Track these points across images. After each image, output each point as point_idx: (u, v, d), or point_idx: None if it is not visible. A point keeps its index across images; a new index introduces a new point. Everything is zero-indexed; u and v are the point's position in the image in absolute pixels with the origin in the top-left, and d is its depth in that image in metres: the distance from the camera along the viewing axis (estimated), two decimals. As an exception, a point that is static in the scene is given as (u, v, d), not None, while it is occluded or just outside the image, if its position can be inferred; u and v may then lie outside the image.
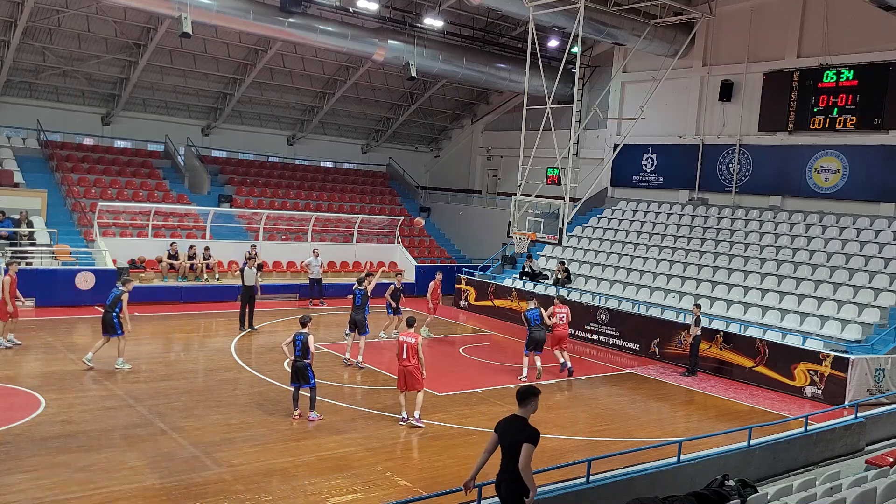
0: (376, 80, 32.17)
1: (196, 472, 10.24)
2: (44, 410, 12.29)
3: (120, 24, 25.74)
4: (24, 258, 21.56)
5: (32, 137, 27.62)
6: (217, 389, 14.34)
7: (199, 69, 28.85)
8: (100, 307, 21.37)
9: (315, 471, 10.58)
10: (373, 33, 25.90)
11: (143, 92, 29.08)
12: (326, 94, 32.43)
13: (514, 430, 7.15)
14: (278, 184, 31.88)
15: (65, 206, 25.38)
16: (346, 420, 12.95)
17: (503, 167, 34.91)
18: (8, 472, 9.67)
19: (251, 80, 29.54)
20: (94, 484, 9.50)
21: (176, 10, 21.65)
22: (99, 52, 26.72)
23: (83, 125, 28.98)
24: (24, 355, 16.07)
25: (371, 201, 33.74)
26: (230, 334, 19.41)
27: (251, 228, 27.83)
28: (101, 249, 23.08)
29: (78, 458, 10.32)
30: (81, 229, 24.42)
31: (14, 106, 27.25)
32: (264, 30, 24.25)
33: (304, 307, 23.67)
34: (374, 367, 16.90)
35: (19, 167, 25.22)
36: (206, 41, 27.10)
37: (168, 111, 30.58)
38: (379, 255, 29.73)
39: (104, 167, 27.92)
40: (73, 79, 27.66)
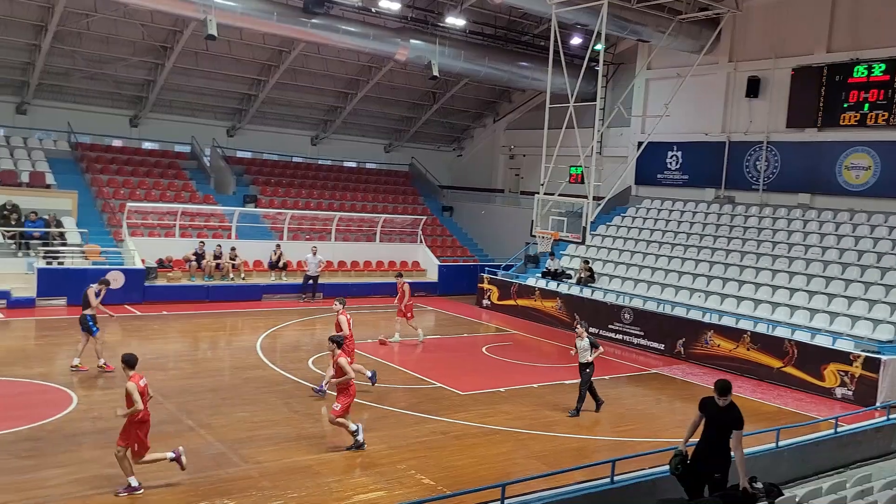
0: (398, 79, 32.25)
1: (223, 468, 10.37)
2: (75, 407, 12.52)
3: (147, 26, 26.08)
4: (55, 258, 21.96)
5: (63, 140, 28.09)
6: (243, 387, 14.49)
7: (224, 71, 29.14)
8: (129, 306, 21.74)
9: (339, 468, 10.67)
10: (395, 33, 25.98)
11: (170, 94, 29.44)
12: (349, 95, 32.58)
13: (725, 415, 8.39)
14: (302, 184, 32.11)
15: (95, 206, 25.79)
16: (370, 418, 13.02)
17: (526, 166, 34.83)
18: (42, 467, 9.87)
19: (275, 81, 29.77)
20: (124, 480, 9.65)
21: (201, 13, 21.89)
22: (126, 54, 27.09)
23: (112, 127, 29.41)
24: (56, 353, 16.36)
25: (394, 201, 33.83)
26: (255, 333, 19.60)
27: (275, 228, 28.06)
28: (130, 249, 23.44)
29: (108, 454, 10.46)
30: (111, 229, 24.81)
31: (45, 109, 27.72)
32: (288, 31, 24.43)
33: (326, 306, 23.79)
34: (398, 366, 16.97)
35: (51, 169, 25.68)
36: (230, 43, 27.35)
37: (194, 112, 30.91)
38: (401, 254, 29.84)
39: (133, 168, 28.32)
40: (102, 81, 28.07)
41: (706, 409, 8.62)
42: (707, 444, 8.57)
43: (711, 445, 8.52)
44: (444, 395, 14.92)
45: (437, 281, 29.04)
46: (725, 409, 8.46)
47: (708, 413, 8.59)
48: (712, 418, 8.54)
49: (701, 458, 8.56)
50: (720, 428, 8.45)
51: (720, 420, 8.46)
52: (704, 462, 8.52)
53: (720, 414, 8.47)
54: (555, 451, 12.08)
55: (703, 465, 8.53)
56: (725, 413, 8.44)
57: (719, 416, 8.47)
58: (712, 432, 8.53)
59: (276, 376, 15.46)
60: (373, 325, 22.22)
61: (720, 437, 8.46)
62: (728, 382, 8.56)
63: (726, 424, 8.39)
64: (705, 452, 8.55)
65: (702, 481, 8.56)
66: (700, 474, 8.56)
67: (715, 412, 8.51)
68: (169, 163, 29.79)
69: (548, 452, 12.02)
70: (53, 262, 21.87)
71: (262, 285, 25.26)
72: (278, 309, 23.27)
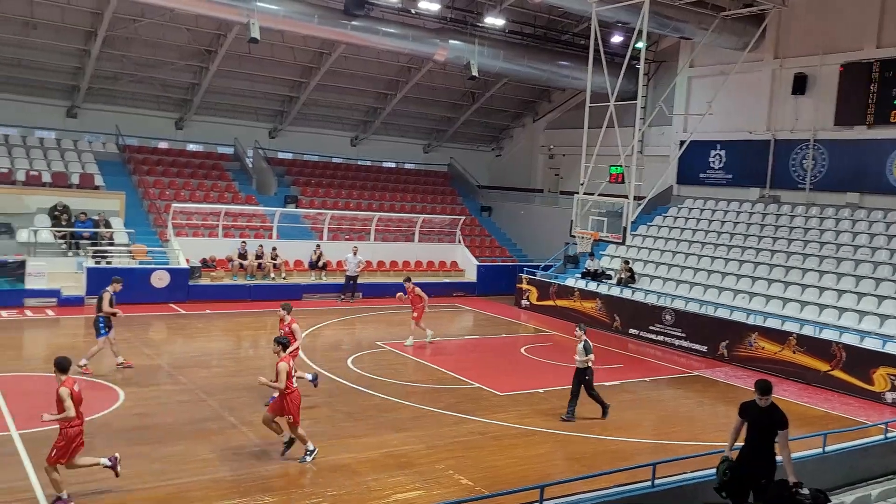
0: (437, 80, 32.32)
1: (264, 465, 10.53)
2: (122, 403, 12.83)
3: (192, 31, 26.60)
4: (103, 257, 22.54)
5: (112, 142, 28.81)
6: (284, 386, 14.65)
7: (266, 73, 29.56)
8: (174, 304, 22.20)
9: (378, 467, 10.74)
10: (434, 34, 26.04)
11: (214, 96, 29.97)
12: (388, 95, 32.76)
13: (768, 416, 8.27)
14: (342, 184, 32.39)
15: (142, 207, 26.40)
16: (408, 418, 13.09)
17: (565, 166, 34.60)
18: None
19: (316, 82, 30.08)
20: (169, 475, 9.87)
21: (245, 17, 22.25)
22: (172, 58, 27.67)
23: (158, 129, 30.07)
24: (103, 351, 16.75)
25: (432, 201, 33.91)
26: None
27: (316, 228, 28.36)
28: (175, 249, 23.94)
29: (154, 449, 10.74)
30: (157, 230, 25.36)
31: (94, 112, 28.47)
32: (328, 33, 24.68)
33: (364, 306, 23.98)
34: (437, 366, 17.01)
35: (100, 171, 26.36)
36: (272, 46, 27.73)
37: (237, 115, 31.41)
38: (440, 254, 29.90)
39: (178, 170, 28.92)
40: (149, 85, 28.71)
41: (747, 413, 8.45)
42: (750, 448, 8.40)
43: (755, 450, 8.35)
44: (482, 396, 14.91)
45: (475, 281, 29.05)
46: (767, 411, 8.28)
47: (749, 417, 8.41)
48: (754, 421, 8.37)
49: (745, 463, 8.40)
50: (763, 430, 8.28)
51: (762, 422, 8.29)
52: (748, 467, 8.36)
53: (762, 416, 8.29)
54: (594, 453, 11.99)
55: (747, 469, 8.37)
56: (767, 415, 8.27)
57: (761, 418, 8.30)
58: (755, 436, 8.36)
59: (318, 375, 15.60)
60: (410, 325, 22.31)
61: (763, 441, 8.28)
62: (769, 382, 8.37)
63: (769, 426, 8.22)
64: (749, 457, 8.39)
65: (746, 487, 8.40)
66: (744, 480, 8.40)
67: (756, 415, 8.34)
68: (213, 164, 30.33)
69: (587, 454, 11.94)
70: (102, 262, 22.43)
71: (302, 285, 25.56)
72: (318, 308, 23.50)
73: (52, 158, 26.34)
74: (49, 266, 21.33)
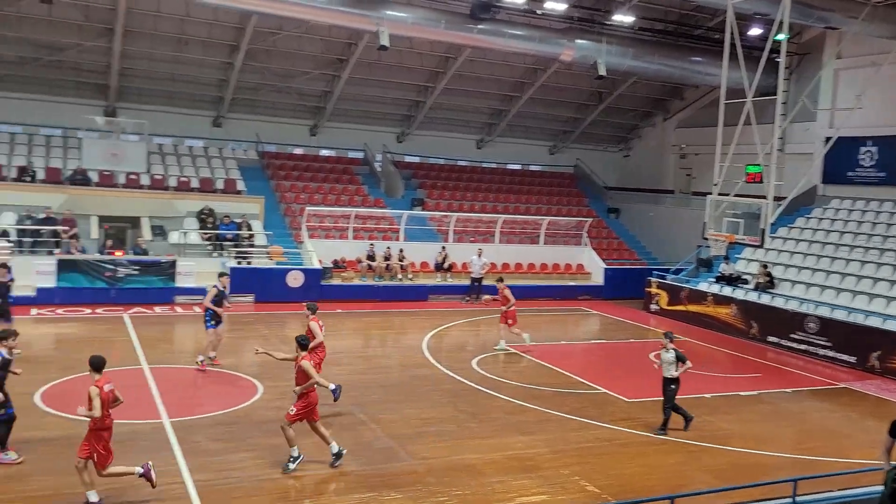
0: (563, 80, 31.98)
1: (391, 462, 10.80)
2: (261, 396, 13.56)
3: (325, 41, 27.78)
4: (244, 258, 23.92)
5: (252, 149, 30.59)
6: (410, 385, 15.00)
7: (394, 79, 30.36)
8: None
9: (503, 469, 10.75)
10: (560, 34, 25.79)
11: (345, 103, 31.11)
12: (514, 97, 32.76)
13: None
14: (467, 187, 32.71)
15: (278, 210, 27.82)
16: (533, 421, 13.02)
17: (698, 165, 33.24)
18: (233, 450, 10.78)
19: (442, 87, 30.56)
20: (303, 466, 10.32)
21: (375, 25, 22.97)
22: (307, 68, 29.00)
23: (294, 136, 31.60)
24: (244, 346, 17.81)
25: (558, 203, 33.59)
26: (422, 332, 20.20)
27: (441, 230, 28.79)
28: (308, 250, 25.06)
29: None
30: (292, 232, 26.65)
31: (237, 121, 30.33)
32: (455, 37, 25.00)
33: (492, 308, 24.07)
34: (562, 370, 16.82)
35: (241, 176, 28.06)
36: (401, 52, 28.43)
37: (367, 120, 32.46)
38: (566, 257, 29.56)
39: (311, 174, 30.27)
40: (286, 94, 30.22)
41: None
42: None
43: None
44: (608, 401, 14.61)
45: (602, 284, 28.52)
46: None
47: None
48: None
49: None
50: None
51: None
52: None
53: None
54: (729, 466, 11.46)
55: None
56: None
57: None
58: None
59: (442, 375, 15.85)
60: (535, 328, 22.22)
61: None
62: None
63: None
64: None
65: None
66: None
67: None
68: (343, 168, 31.51)
69: (722, 467, 11.42)
70: (243, 262, 23.83)
71: (428, 286, 26.03)
72: (443, 309, 23.85)
73: (199, 165, 28.28)
74: (197, 266, 22.87)
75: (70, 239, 22.26)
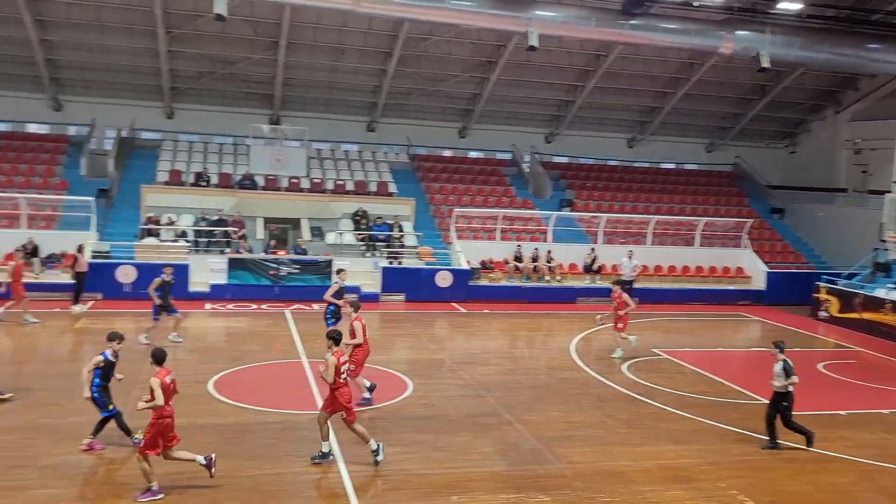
0: (722, 74, 30.49)
1: (538, 464, 10.71)
2: (410, 393, 13.90)
3: (475, 44, 28.17)
4: (396, 258, 24.70)
5: (403, 152, 31.56)
6: (557, 387, 14.83)
7: (542, 79, 30.23)
8: (456, 303, 23.55)
9: (654, 478, 10.37)
10: (719, 26, 24.54)
11: (494, 105, 31.36)
12: (668, 94, 31.62)
13: None
14: (617, 187, 31.98)
15: (428, 212, 28.50)
16: (688, 430, 12.47)
17: (875, 161, 30.52)
18: (383, 443, 11.12)
19: (592, 85, 30.06)
20: (451, 463, 10.49)
21: (524, 26, 22.93)
22: (457, 71, 29.52)
23: (443, 138, 32.28)
24: (395, 343, 18.41)
25: (715, 203, 32.07)
26: (570, 335, 19.93)
27: (590, 232, 28.29)
28: (457, 251, 25.48)
29: (438, 438, 11.48)
30: (441, 233, 27.21)
31: (389, 125, 31.44)
32: (606, 35, 24.45)
33: (640, 311, 23.35)
34: (719, 378, 16.00)
35: (393, 179, 29.07)
36: (549, 52, 28.23)
37: (515, 121, 32.55)
38: (723, 259, 28.15)
39: (460, 176, 30.78)
40: (436, 98, 30.92)
41: None
42: None
43: None
44: (771, 414, 13.70)
45: (764, 289, 26.96)
46: None
47: None
48: None
49: None
50: None
51: None
52: None
53: None
54: (910, 491, 10.40)
55: None
56: None
57: None
58: None
59: (591, 379, 15.55)
60: (690, 333, 21.30)
61: None
62: None
63: None
64: None
65: None
66: None
67: None
68: (491, 170, 31.77)
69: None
70: (394, 262, 24.60)
71: (576, 288, 25.67)
72: (592, 312, 23.34)
73: (354, 169, 29.55)
74: (351, 265, 23.82)
75: (239, 239, 23.96)
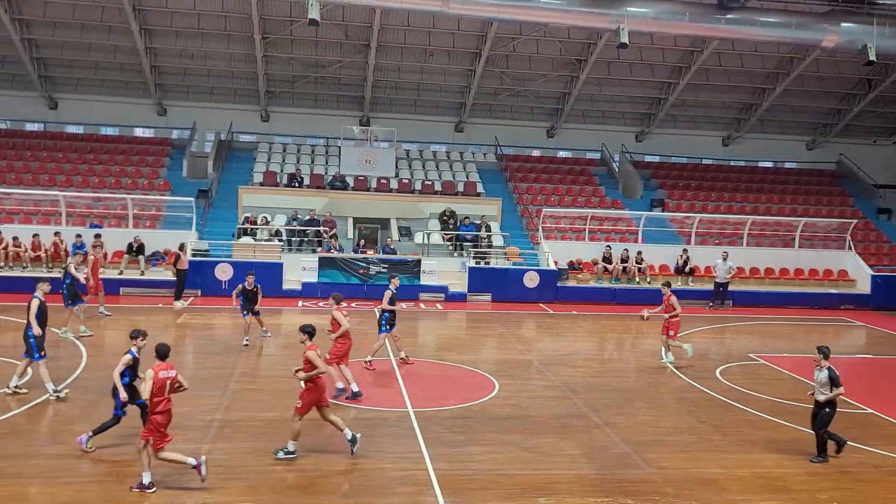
0: (825, 68, 29.16)
1: (627, 468, 10.55)
2: (497, 393, 13.94)
3: (564, 42, 27.96)
4: (483, 258, 24.78)
5: (491, 152, 31.63)
6: (647, 391, 14.55)
7: (633, 77, 29.70)
8: (543, 304, 23.43)
9: (748, 487, 10.04)
10: (821, 18, 23.49)
11: (582, 104, 31.02)
12: (766, 90, 30.47)
13: None
14: (711, 186, 31.07)
15: (515, 212, 28.47)
16: (784, 439, 12.00)
17: None
18: (470, 442, 11.21)
19: (685, 82, 29.31)
20: (537, 464, 10.47)
21: (615, 23, 22.60)
22: (546, 70, 29.37)
23: (531, 138, 32.18)
24: (482, 343, 18.49)
25: (816, 203, 30.69)
26: (660, 337, 19.47)
27: (683, 233, 27.58)
28: (544, 252, 25.33)
29: (524, 438, 11.47)
30: (528, 233, 27.13)
31: (477, 126, 31.61)
32: (700, 30, 23.82)
33: (735, 314, 22.62)
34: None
35: (480, 179, 29.19)
36: (640, 49, 27.72)
37: (604, 120, 32.10)
38: (825, 262, 26.89)
39: (548, 176, 30.60)
40: (524, 97, 30.85)
41: None
42: None
43: None
44: (875, 423, 13.04)
45: (868, 293, 25.63)
46: None
47: None
48: None
49: None
50: None
51: None
52: None
53: None
54: None
55: None
56: None
57: None
58: None
59: (682, 383, 15.18)
60: (790, 338, 20.46)
61: None
62: None
63: None
64: None
65: None
66: None
67: None
68: (580, 170, 31.42)
69: None
70: (481, 262, 24.68)
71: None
72: (684, 315, 22.69)
73: (442, 169, 29.84)
74: (439, 265, 24.14)
75: (330, 239, 24.61)
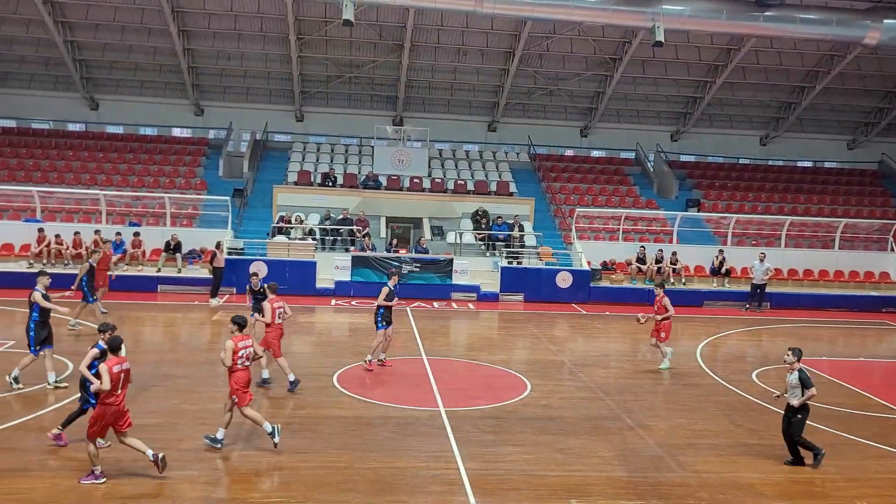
0: (867, 66, 28.54)
1: (660, 471, 10.43)
2: (529, 393, 13.88)
3: (598, 41, 27.75)
4: (515, 258, 24.70)
5: (524, 152, 31.54)
6: (682, 393, 14.37)
7: (669, 76, 29.37)
8: (576, 304, 23.29)
9: (784, 492, 9.86)
10: (863, 15, 22.98)
11: (617, 103, 30.75)
12: (805, 88, 29.90)
13: None
14: (748, 186, 30.60)
15: (548, 212, 28.34)
16: (823, 444, 11.74)
17: None
18: (501, 443, 11.18)
19: (722, 81, 28.91)
20: (570, 466, 10.40)
21: (650, 21, 22.37)
22: (579, 69, 29.19)
23: (565, 138, 32.01)
24: (514, 343, 18.44)
25: (857, 203, 30.03)
26: (695, 339, 19.27)
27: (719, 233, 27.20)
28: (577, 252, 25.17)
29: (556, 440, 11.41)
30: (561, 233, 26.98)
31: (510, 125, 31.54)
32: (738, 28, 23.48)
33: (772, 317, 22.22)
34: (859, 389, 14.97)
35: (513, 178, 29.12)
36: (676, 47, 27.41)
37: (639, 119, 31.80)
38: (866, 264, 26.29)
39: (581, 176, 30.40)
40: (557, 97, 30.69)
41: None
42: None
43: None
44: (919, 431, 12.70)
45: (911, 296, 24.98)
46: None
47: None
48: None
49: None
50: None
51: None
52: None
53: None
54: None
55: None
56: None
57: None
58: None
59: (718, 386, 14.96)
60: (829, 341, 20.04)
61: None
62: None
63: None
64: None
65: None
66: None
67: None
68: (614, 169, 31.16)
69: None
70: (514, 262, 24.60)
71: (703, 291, 24.75)
72: (720, 316, 22.51)
73: (475, 168, 29.82)
74: (471, 265, 24.12)
75: (363, 238, 24.74)
